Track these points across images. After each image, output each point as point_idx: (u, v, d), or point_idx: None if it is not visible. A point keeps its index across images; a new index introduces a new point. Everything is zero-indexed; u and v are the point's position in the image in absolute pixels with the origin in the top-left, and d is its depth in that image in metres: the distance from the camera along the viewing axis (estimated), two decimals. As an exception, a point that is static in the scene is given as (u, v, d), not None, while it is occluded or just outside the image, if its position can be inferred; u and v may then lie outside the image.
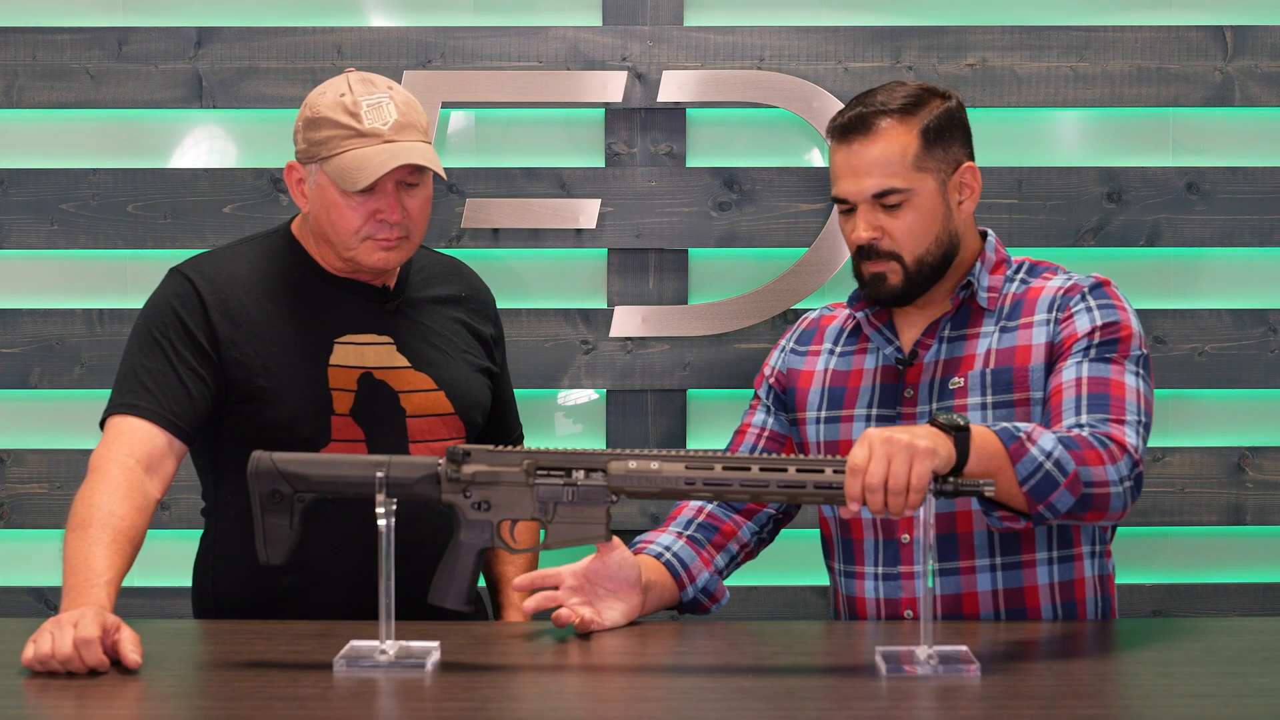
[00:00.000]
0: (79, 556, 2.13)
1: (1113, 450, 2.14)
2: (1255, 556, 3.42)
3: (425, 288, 2.52)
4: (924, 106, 2.31)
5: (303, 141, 2.38)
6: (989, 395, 2.29)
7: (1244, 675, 1.94)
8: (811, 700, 1.84)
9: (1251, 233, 3.37)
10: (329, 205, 2.35)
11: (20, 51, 3.35)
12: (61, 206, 3.36)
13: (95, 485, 2.21)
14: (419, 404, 2.41)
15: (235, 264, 2.42)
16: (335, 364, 2.38)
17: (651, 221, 3.36)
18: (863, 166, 2.28)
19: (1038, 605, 2.30)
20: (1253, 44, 3.35)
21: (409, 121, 2.36)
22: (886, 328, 2.39)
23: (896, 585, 2.31)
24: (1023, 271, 2.39)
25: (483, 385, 2.53)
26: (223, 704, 1.83)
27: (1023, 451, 2.08)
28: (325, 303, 2.41)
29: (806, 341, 2.49)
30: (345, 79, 2.38)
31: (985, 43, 3.36)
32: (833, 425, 2.39)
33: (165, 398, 2.31)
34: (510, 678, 1.97)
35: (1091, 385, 2.22)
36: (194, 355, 2.34)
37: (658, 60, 3.35)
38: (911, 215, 2.29)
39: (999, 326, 2.33)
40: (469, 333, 2.55)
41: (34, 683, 1.93)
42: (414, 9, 3.41)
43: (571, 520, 2.03)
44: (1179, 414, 3.41)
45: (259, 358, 2.35)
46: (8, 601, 3.38)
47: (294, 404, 2.34)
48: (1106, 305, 2.30)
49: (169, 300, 2.38)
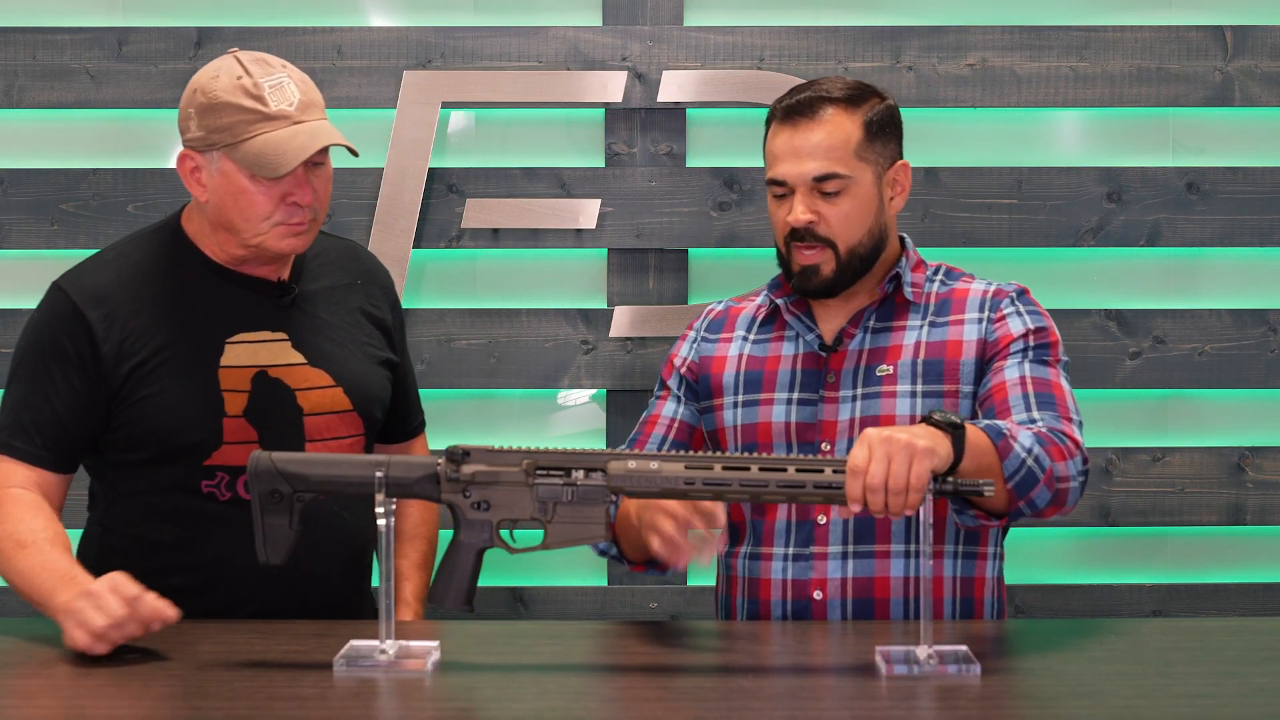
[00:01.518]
0: (38, 565, 2.15)
1: (1069, 447, 2.21)
2: (1255, 556, 3.42)
3: (320, 277, 2.46)
4: (867, 100, 2.38)
5: (198, 129, 2.28)
6: (919, 384, 2.34)
7: (1244, 675, 1.94)
8: (811, 700, 1.84)
9: (1251, 233, 3.37)
10: (236, 193, 2.28)
11: (20, 51, 3.35)
12: (61, 206, 3.36)
13: (7, 514, 2.22)
14: (316, 401, 2.37)
15: (119, 268, 2.35)
16: (227, 365, 2.32)
17: (651, 221, 3.36)
18: (806, 149, 2.33)
19: (942, 597, 2.34)
20: (1253, 44, 3.35)
21: (310, 100, 2.30)
22: (806, 316, 2.42)
23: (808, 566, 2.33)
24: (941, 274, 2.46)
25: (382, 378, 2.48)
26: (223, 704, 1.83)
27: (1008, 448, 2.12)
28: (216, 300, 2.35)
29: (718, 330, 2.52)
30: (234, 59, 2.29)
31: (985, 43, 3.36)
32: (751, 408, 2.41)
33: (44, 436, 2.28)
34: (510, 678, 1.97)
35: (1036, 385, 2.29)
36: (77, 379, 2.29)
37: (658, 60, 3.35)
38: (849, 203, 2.34)
39: (928, 321, 2.39)
40: (368, 321, 2.49)
41: (34, 683, 1.93)
42: (414, 9, 3.41)
43: (571, 520, 2.03)
44: (1179, 414, 3.41)
45: (146, 365, 2.30)
46: (8, 601, 3.38)
47: (183, 408, 2.29)
48: (1034, 312, 2.40)
49: (49, 322, 2.32)
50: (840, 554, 2.33)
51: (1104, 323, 3.37)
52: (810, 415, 2.36)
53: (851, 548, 2.33)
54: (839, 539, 2.33)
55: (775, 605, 2.35)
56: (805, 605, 2.33)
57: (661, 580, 3.30)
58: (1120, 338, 3.37)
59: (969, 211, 3.35)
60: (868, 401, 2.35)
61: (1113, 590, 3.40)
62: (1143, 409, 3.41)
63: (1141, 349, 3.37)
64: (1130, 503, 3.38)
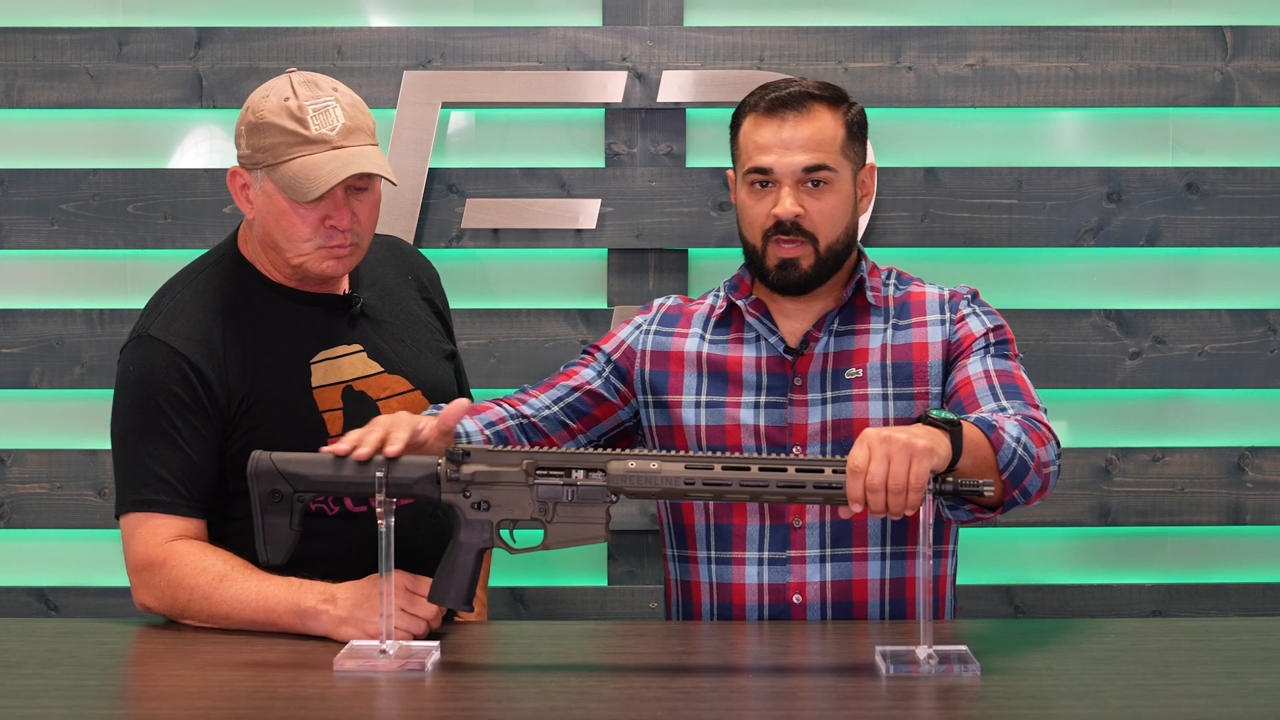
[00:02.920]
0: (253, 589, 2.17)
1: (1044, 433, 2.23)
2: (1255, 556, 3.42)
3: (375, 282, 2.47)
4: (844, 100, 2.40)
5: (246, 147, 2.30)
6: (889, 386, 2.36)
7: (1244, 675, 1.94)
8: (811, 700, 1.84)
9: (1251, 233, 3.37)
10: (277, 213, 2.29)
11: (20, 51, 3.35)
12: (61, 206, 3.36)
13: (187, 560, 2.21)
14: (398, 409, 2.36)
15: (201, 307, 2.33)
16: (318, 385, 2.34)
17: (651, 221, 3.36)
18: (796, 141, 2.33)
19: (914, 597, 2.35)
20: (1253, 44, 3.35)
21: (356, 125, 2.29)
22: (766, 318, 2.42)
23: (785, 570, 2.33)
24: (893, 278, 2.48)
25: (449, 371, 2.52)
26: (223, 704, 1.83)
27: (1001, 440, 2.13)
28: (291, 322, 2.36)
29: (671, 324, 2.50)
30: (288, 81, 2.30)
31: (985, 43, 3.36)
32: (716, 410, 2.40)
33: (187, 487, 2.26)
34: (510, 678, 1.97)
35: (1000, 376, 2.32)
36: (201, 425, 2.27)
37: (658, 60, 3.35)
38: (833, 199, 2.35)
39: (890, 324, 2.40)
40: (428, 314, 2.53)
41: (34, 683, 1.93)
42: (414, 9, 3.41)
43: (571, 520, 2.03)
44: (1179, 414, 3.41)
45: (249, 399, 2.29)
46: (8, 601, 3.38)
47: (291, 437, 2.25)
48: (989, 312, 2.43)
49: (154, 373, 2.27)
50: (818, 557, 2.33)
51: (1104, 323, 3.37)
52: (780, 419, 2.36)
53: (830, 551, 2.33)
54: (816, 542, 2.33)
55: (751, 610, 2.34)
56: (784, 609, 2.33)
57: (662, 580, 3.30)
58: (1120, 338, 3.37)
59: (969, 211, 3.35)
60: (839, 405, 2.35)
61: (1113, 590, 3.40)
62: (1143, 409, 3.41)
63: (1141, 349, 3.37)
64: (1130, 503, 3.38)
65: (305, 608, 2.12)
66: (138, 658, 2.09)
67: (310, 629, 2.13)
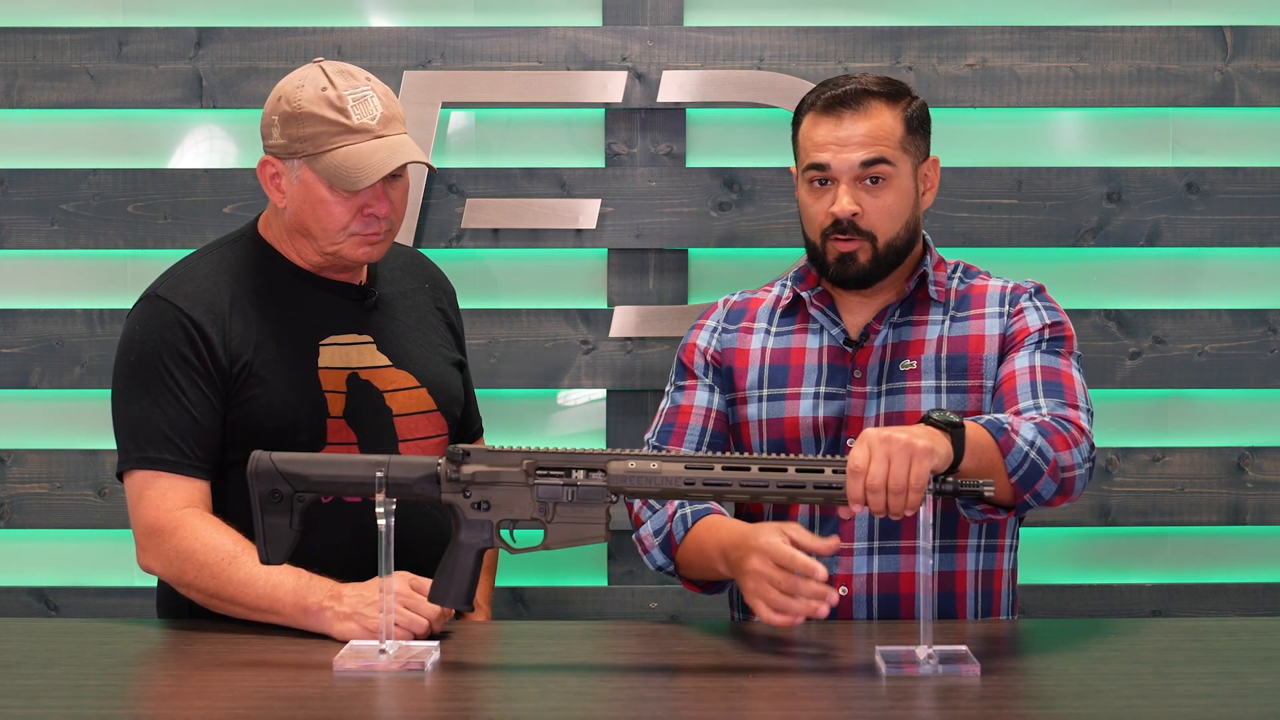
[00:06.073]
0: (262, 576, 2.17)
1: (1074, 434, 2.21)
2: (1255, 556, 3.42)
3: (393, 281, 2.49)
4: (904, 96, 2.40)
5: (281, 137, 2.30)
6: (943, 379, 2.35)
7: (1244, 675, 1.94)
8: (811, 700, 1.84)
9: (1251, 233, 3.37)
10: (315, 202, 2.30)
11: (20, 51, 3.35)
12: (61, 206, 3.36)
13: (199, 535, 2.21)
14: (403, 402, 2.40)
15: (211, 275, 2.36)
16: (324, 366, 2.35)
17: (651, 221, 3.36)
18: (853, 139, 2.33)
19: (964, 591, 2.35)
20: (1252, 44, 3.35)
21: (392, 114, 2.32)
22: (830, 309, 2.42)
23: (832, 561, 2.32)
24: (959, 271, 2.48)
25: (458, 379, 2.53)
26: (223, 704, 1.83)
27: (1010, 443, 2.12)
28: (305, 305, 2.38)
29: (737, 320, 2.50)
30: (320, 70, 2.30)
31: (985, 43, 3.36)
32: (776, 403, 2.40)
33: (190, 445, 2.27)
34: (510, 678, 1.97)
35: (1045, 373, 2.30)
36: (204, 384, 2.28)
37: (658, 60, 3.35)
38: (891, 195, 2.35)
39: (949, 316, 2.40)
40: (443, 323, 2.54)
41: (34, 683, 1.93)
42: (414, 9, 3.41)
43: (571, 520, 2.03)
44: (1179, 414, 3.41)
45: (251, 366, 2.31)
46: (8, 601, 3.38)
47: (290, 409, 2.31)
48: (1050, 308, 2.42)
49: (159, 331, 2.30)
50: (866, 550, 2.33)
51: (1104, 323, 3.37)
52: (838, 410, 2.36)
53: (877, 543, 2.34)
54: (864, 535, 2.33)
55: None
56: None
57: (661, 580, 3.30)
58: (1120, 338, 3.37)
59: (969, 211, 3.35)
60: (892, 397, 2.35)
61: (1113, 590, 3.40)
62: (1143, 409, 3.41)
63: (1141, 349, 3.37)
64: (1130, 503, 3.38)
65: (310, 604, 2.13)
66: (138, 658, 2.09)
67: (310, 625, 2.13)
